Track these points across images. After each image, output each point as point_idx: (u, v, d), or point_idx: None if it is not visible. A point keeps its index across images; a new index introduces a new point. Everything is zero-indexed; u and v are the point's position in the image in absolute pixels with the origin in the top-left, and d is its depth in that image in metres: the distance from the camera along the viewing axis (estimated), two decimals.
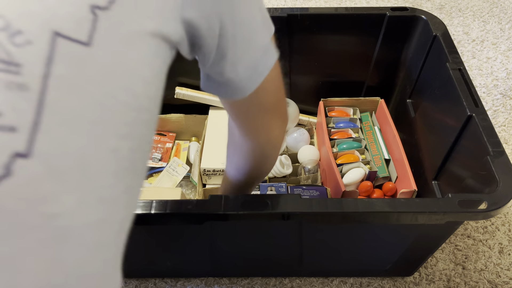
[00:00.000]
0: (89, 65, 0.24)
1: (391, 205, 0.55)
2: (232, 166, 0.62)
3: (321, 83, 1.02)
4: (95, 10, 0.25)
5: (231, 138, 0.58)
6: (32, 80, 0.22)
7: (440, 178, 0.78)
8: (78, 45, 0.24)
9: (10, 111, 0.22)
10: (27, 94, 0.22)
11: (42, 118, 0.22)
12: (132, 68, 0.27)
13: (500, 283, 0.81)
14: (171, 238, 0.69)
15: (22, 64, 0.22)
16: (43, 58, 0.23)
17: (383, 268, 0.79)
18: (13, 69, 0.22)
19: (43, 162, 0.22)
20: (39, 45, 0.23)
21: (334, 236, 0.70)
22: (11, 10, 0.22)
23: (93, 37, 0.24)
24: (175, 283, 0.82)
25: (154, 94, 0.29)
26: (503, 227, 0.88)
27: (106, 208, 0.26)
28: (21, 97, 0.22)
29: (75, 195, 0.24)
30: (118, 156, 0.26)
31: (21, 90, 0.22)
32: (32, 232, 0.22)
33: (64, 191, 0.23)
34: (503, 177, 0.57)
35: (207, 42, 0.33)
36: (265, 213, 0.55)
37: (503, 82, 1.18)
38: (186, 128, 1.03)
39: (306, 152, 0.95)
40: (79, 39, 0.24)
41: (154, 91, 0.29)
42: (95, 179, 0.25)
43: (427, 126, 0.83)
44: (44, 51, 0.23)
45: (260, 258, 0.77)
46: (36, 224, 0.22)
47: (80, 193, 0.24)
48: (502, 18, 1.38)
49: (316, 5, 1.46)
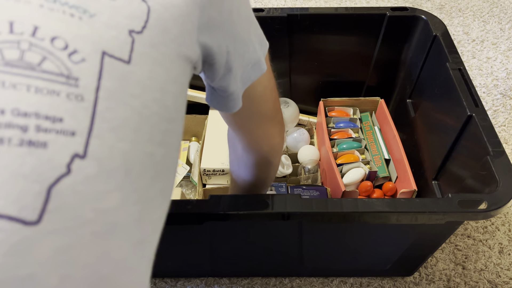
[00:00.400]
0: (129, 80, 0.28)
1: (391, 205, 0.55)
2: (239, 179, 0.66)
3: (321, 83, 1.02)
4: (132, 33, 0.29)
5: (234, 153, 0.62)
6: (87, 92, 0.26)
7: (440, 178, 0.78)
8: (120, 63, 0.28)
9: (70, 118, 0.25)
10: (83, 104, 0.26)
11: (95, 125, 0.26)
12: (163, 84, 0.30)
13: (500, 283, 0.81)
14: (171, 238, 0.69)
15: (79, 78, 0.26)
16: (95, 73, 0.27)
17: (383, 268, 0.79)
18: (72, 82, 0.26)
19: (96, 163, 0.26)
20: (91, 62, 0.27)
21: (334, 236, 0.70)
22: (68, 33, 0.27)
23: (132, 56, 0.29)
24: (175, 283, 0.82)
25: (181, 107, 0.33)
26: (503, 227, 0.88)
27: (145, 207, 0.29)
28: (78, 106, 0.26)
29: (121, 193, 0.27)
30: (154, 161, 0.30)
31: (78, 101, 0.26)
32: (87, 225, 0.25)
33: (112, 190, 0.26)
34: (503, 177, 0.57)
35: (218, 59, 0.38)
36: (265, 213, 0.55)
37: (503, 82, 1.18)
38: (186, 128, 1.03)
39: (306, 152, 0.95)
40: (121, 57, 0.28)
41: (181, 104, 0.33)
42: (136, 180, 0.28)
43: (427, 126, 0.83)
44: (96, 67, 0.27)
45: (260, 258, 0.77)
46: (90, 218, 0.25)
47: (124, 192, 0.27)
48: (502, 18, 1.38)
49: (316, 5, 1.46)
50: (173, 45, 0.31)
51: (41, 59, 0.25)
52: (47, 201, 0.23)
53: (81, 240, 0.25)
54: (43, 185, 0.24)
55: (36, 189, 0.23)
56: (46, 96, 0.25)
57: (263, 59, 0.45)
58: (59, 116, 0.25)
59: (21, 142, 0.23)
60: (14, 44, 0.25)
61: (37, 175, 0.23)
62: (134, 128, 0.28)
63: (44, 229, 0.23)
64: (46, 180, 0.24)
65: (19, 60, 0.25)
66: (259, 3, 1.47)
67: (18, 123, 0.24)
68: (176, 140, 0.33)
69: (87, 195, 0.25)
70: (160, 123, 0.30)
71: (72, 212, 0.24)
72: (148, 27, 0.30)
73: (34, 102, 0.24)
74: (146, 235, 0.30)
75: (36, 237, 0.23)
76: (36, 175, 0.23)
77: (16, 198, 0.23)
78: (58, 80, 0.25)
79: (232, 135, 0.58)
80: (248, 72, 0.43)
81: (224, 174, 0.90)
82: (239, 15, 0.39)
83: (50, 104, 0.25)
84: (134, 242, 0.28)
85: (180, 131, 0.34)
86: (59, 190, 0.24)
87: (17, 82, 0.24)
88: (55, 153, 0.24)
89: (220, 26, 0.36)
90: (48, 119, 0.24)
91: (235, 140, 0.58)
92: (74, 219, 0.24)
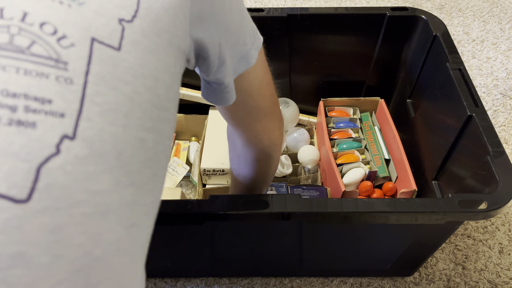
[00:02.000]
0: (120, 66, 0.29)
1: (391, 205, 0.55)
2: (239, 176, 0.66)
3: (321, 83, 1.02)
4: (122, 22, 0.29)
5: (234, 150, 0.63)
6: (76, 75, 0.27)
7: (440, 178, 0.78)
8: (110, 49, 0.29)
9: (60, 100, 0.26)
10: (72, 87, 0.26)
11: (84, 107, 0.26)
12: (155, 72, 0.31)
13: (500, 283, 0.81)
14: (171, 238, 0.69)
15: (68, 62, 0.27)
16: (84, 58, 0.27)
17: (383, 268, 0.79)
18: (61, 65, 0.26)
19: (86, 145, 0.26)
20: (81, 47, 0.27)
21: (334, 236, 0.70)
22: (57, 19, 0.27)
23: (122, 44, 0.29)
24: (175, 283, 0.82)
25: (173, 96, 0.34)
26: (503, 227, 0.88)
27: (136, 191, 0.29)
28: (67, 89, 0.26)
29: (111, 175, 0.27)
30: (145, 146, 0.30)
31: (67, 83, 0.26)
32: (78, 206, 0.25)
33: (103, 171, 0.27)
34: (503, 177, 0.57)
35: (211, 51, 0.38)
36: (265, 213, 0.55)
37: (503, 82, 1.18)
38: (186, 128, 1.03)
39: (306, 152, 0.95)
40: (111, 44, 0.29)
41: (173, 94, 0.34)
42: (128, 164, 0.29)
43: (427, 126, 0.83)
44: (85, 52, 0.27)
45: (260, 258, 0.77)
46: (81, 199, 0.26)
47: (115, 175, 0.28)
48: (502, 18, 1.38)
49: (316, 5, 1.46)
50: (165, 35, 0.32)
51: (30, 43, 0.26)
52: (37, 179, 0.24)
53: (73, 221, 0.25)
54: (33, 164, 0.24)
55: (25, 167, 0.24)
56: (35, 78, 0.25)
57: (254, 52, 0.45)
58: (48, 97, 0.25)
59: (10, 121, 0.24)
60: (4, 28, 0.26)
61: (26, 154, 0.24)
62: (125, 113, 0.28)
63: (34, 208, 0.24)
64: (36, 159, 0.24)
65: (8, 44, 0.25)
66: (259, 3, 1.47)
67: (7, 103, 0.24)
68: (168, 128, 0.33)
69: (78, 176, 0.25)
70: (152, 110, 0.31)
71: (63, 192, 0.25)
72: (139, 16, 0.30)
73: (23, 84, 0.25)
74: (139, 219, 0.30)
75: (26, 215, 0.23)
76: (25, 154, 0.24)
77: (5, 176, 0.23)
78: (47, 63, 0.26)
79: (232, 132, 0.58)
80: (235, 64, 0.44)
81: (224, 174, 0.90)
82: (231, 8, 0.39)
83: (39, 86, 0.25)
84: (126, 225, 0.28)
85: (172, 120, 0.34)
86: (48, 169, 0.24)
87: (6, 64, 0.25)
88: (44, 133, 0.25)
89: (212, 18, 0.37)
90: (37, 100, 0.25)
91: (234, 137, 0.58)
92: (64, 199, 0.25)
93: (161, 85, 0.32)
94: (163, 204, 0.56)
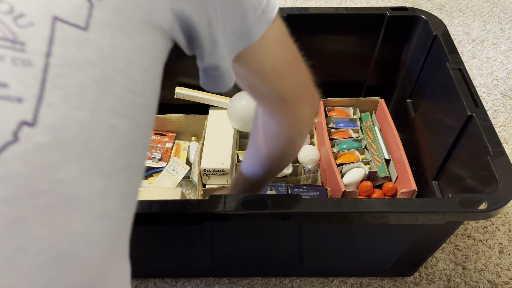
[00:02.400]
0: (87, 47, 0.26)
1: (391, 205, 0.55)
2: (252, 157, 0.62)
3: (321, 83, 1.01)
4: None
5: (256, 122, 0.58)
6: (35, 57, 0.25)
7: (440, 178, 0.78)
8: (76, 29, 0.26)
9: (17, 83, 0.24)
10: (31, 70, 0.24)
11: (45, 91, 0.24)
12: (127, 53, 0.29)
13: (500, 283, 0.81)
14: (171, 238, 0.69)
15: (26, 42, 0.24)
16: (45, 38, 0.25)
17: (383, 268, 0.79)
18: (18, 47, 0.24)
19: (48, 132, 0.24)
20: (40, 27, 0.25)
21: (334, 236, 0.70)
22: None
23: (89, 23, 0.27)
24: (175, 283, 0.82)
25: (150, 81, 0.31)
26: (503, 227, 0.88)
27: (108, 181, 0.27)
28: (26, 72, 0.24)
29: (78, 164, 0.25)
30: (117, 133, 0.28)
31: (25, 66, 0.24)
32: (40, 196, 0.24)
33: (68, 160, 0.25)
34: (503, 177, 0.57)
35: (200, 30, 0.35)
36: (265, 213, 0.55)
37: (503, 82, 1.18)
38: (186, 128, 1.03)
39: (306, 152, 0.95)
40: (76, 23, 0.26)
41: (150, 78, 0.31)
42: (96, 152, 0.27)
43: (427, 126, 0.83)
44: (45, 32, 0.25)
45: (260, 258, 0.77)
46: (44, 189, 0.24)
47: (83, 163, 0.26)
48: (502, 18, 1.38)
49: (316, 5, 1.46)
50: (141, 12, 0.29)
51: None
52: None
53: (34, 212, 0.24)
54: None
55: None
56: None
57: (258, 28, 0.41)
58: (3, 81, 0.23)
59: None
60: None
61: None
62: (93, 98, 0.26)
63: None
64: None
65: None
66: None
67: None
68: (145, 115, 0.31)
69: (39, 165, 0.24)
70: (124, 94, 0.28)
71: (22, 181, 0.23)
72: None
73: None
74: (113, 210, 0.28)
75: None
76: None
77: None
78: (2, 44, 0.24)
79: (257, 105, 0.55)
80: (233, 42, 0.40)
81: (224, 174, 0.90)
82: None
83: None
84: (97, 216, 0.27)
85: (151, 106, 0.32)
86: (5, 158, 0.23)
87: None
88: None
89: None
90: None
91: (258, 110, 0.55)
92: (24, 189, 0.23)
93: (135, 68, 0.29)
94: (163, 204, 0.56)
